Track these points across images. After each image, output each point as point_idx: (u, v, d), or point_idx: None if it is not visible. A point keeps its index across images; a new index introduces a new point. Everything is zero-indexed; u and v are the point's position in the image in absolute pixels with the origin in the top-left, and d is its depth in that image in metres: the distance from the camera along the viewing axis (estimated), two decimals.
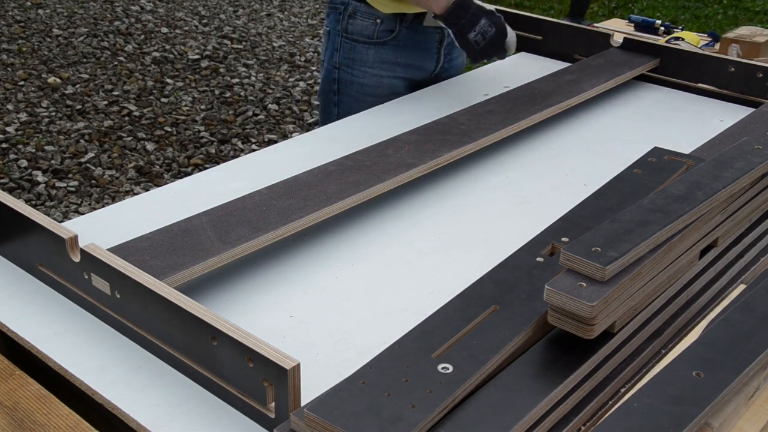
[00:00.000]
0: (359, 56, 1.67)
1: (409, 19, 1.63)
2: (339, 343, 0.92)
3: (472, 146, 1.34)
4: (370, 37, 1.65)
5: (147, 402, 0.82)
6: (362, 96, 1.69)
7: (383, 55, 1.66)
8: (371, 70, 1.67)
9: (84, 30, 4.74)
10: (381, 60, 1.67)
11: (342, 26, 1.66)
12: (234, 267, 1.05)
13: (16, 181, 3.16)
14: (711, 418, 0.74)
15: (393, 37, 1.64)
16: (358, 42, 1.66)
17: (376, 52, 1.66)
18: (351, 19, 1.65)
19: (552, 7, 5.93)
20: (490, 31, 1.47)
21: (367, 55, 1.66)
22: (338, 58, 1.69)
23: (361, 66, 1.68)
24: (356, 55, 1.67)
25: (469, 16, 1.45)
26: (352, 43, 1.67)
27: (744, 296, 0.90)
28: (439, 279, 1.05)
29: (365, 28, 1.64)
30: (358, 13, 1.64)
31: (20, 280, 1.00)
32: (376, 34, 1.64)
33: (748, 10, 5.91)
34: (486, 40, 1.46)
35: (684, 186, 0.94)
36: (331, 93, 1.73)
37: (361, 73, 1.68)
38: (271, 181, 1.18)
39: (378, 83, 1.68)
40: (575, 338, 0.79)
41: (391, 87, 1.69)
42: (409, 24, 1.63)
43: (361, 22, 1.64)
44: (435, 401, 0.71)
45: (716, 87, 1.68)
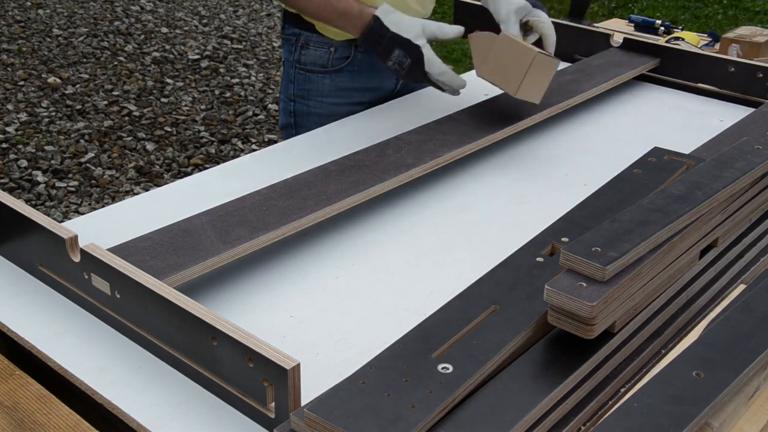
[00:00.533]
0: (314, 86, 1.61)
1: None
2: (339, 343, 0.92)
3: (472, 146, 1.34)
4: (324, 66, 1.59)
5: (147, 402, 0.82)
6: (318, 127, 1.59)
7: (339, 83, 1.60)
8: (327, 99, 1.61)
9: (84, 30, 4.74)
10: (337, 88, 1.61)
11: (294, 57, 1.60)
12: (234, 267, 1.05)
13: (16, 181, 3.16)
14: (711, 418, 0.74)
15: (348, 63, 1.59)
16: (313, 72, 1.60)
17: (332, 81, 1.60)
18: (303, 49, 1.59)
19: (552, 7, 5.93)
20: (406, 62, 1.37)
21: (323, 84, 1.60)
22: (293, 90, 1.63)
23: (317, 96, 1.62)
24: (311, 86, 1.61)
25: (383, 44, 1.37)
26: (306, 73, 1.61)
27: (744, 296, 0.90)
28: (439, 279, 1.05)
29: (319, 58, 1.58)
30: (310, 43, 1.58)
31: (20, 280, 1.00)
32: (330, 62, 1.58)
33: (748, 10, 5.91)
34: (404, 70, 1.37)
35: (684, 186, 0.94)
36: (289, 127, 1.67)
37: (317, 104, 1.62)
38: (271, 181, 1.18)
39: (335, 112, 1.60)
40: (575, 338, 0.79)
41: (348, 113, 1.60)
42: (364, 48, 1.57)
43: (314, 52, 1.58)
44: (435, 401, 0.71)
45: (716, 87, 1.68)
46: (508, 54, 1.34)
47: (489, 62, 1.36)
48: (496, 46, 1.35)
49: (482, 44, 1.38)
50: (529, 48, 1.32)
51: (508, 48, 1.35)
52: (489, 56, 1.36)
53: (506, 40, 1.35)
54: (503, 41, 1.35)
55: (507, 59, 1.34)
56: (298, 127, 1.63)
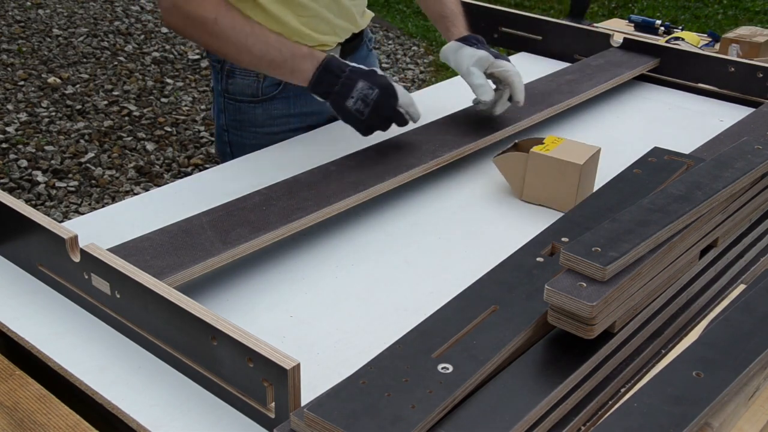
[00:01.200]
0: (247, 117, 1.45)
1: None
2: (339, 343, 0.92)
3: (472, 146, 1.34)
4: (254, 95, 1.42)
5: (147, 402, 0.82)
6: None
7: (273, 111, 1.44)
8: (262, 129, 1.45)
9: (84, 30, 4.74)
10: (271, 117, 1.44)
11: (222, 86, 1.44)
12: (234, 267, 1.05)
13: (16, 181, 3.16)
14: (711, 418, 0.74)
15: (280, 91, 1.42)
16: (243, 102, 1.44)
17: (264, 110, 1.44)
18: (230, 78, 1.43)
19: (552, 7, 5.93)
20: (372, 94, 1.19)
21: (255, 114, 1.44)
22: (225, 120, 1.47)
23: (250, 127, 1.46)
24: (243, 116, 1.45)
25: (342, 80, 1.20)
26: (237, 103, 1.44)
27: (744, 296, 0.90)
28: (439, 279, 1.05)
29: (247, 87, 1.42)
30: (236, 71, 1.41)
31: (20, 280, 1.00)
32: (260, 91, 1.42)
33: (748, 10, 5.91)
34: (369, 106, 1.20)
35: (684, 186, 0.94)
36: (227, 155, 1.50)
37: (251, 135, 1.46)
38: (271, 181, 1.18)
39: (272, 141, 1.44)
40: (575, 338, 0.79)
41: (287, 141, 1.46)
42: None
43: (242, 81, 1.42)
44: (435, 401, 0.71)
45: (716, 87, 1.68)
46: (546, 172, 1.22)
47: (530, 185, 1.24)
48: (530, 165, 1.23)
49: (511, 165, 1.26)
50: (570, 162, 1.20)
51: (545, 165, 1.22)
52: (527, 178, 1.24)
53: (539, 158, 1.22)
54: (537, 159, 1.22)
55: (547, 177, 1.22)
56: (234, 156, 1.46)
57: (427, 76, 4.58)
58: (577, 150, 1.23)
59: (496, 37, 1.94)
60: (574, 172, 1.20)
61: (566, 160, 1.20)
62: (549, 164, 1.21)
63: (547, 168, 1.22)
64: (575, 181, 1.20)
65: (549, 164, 1.21)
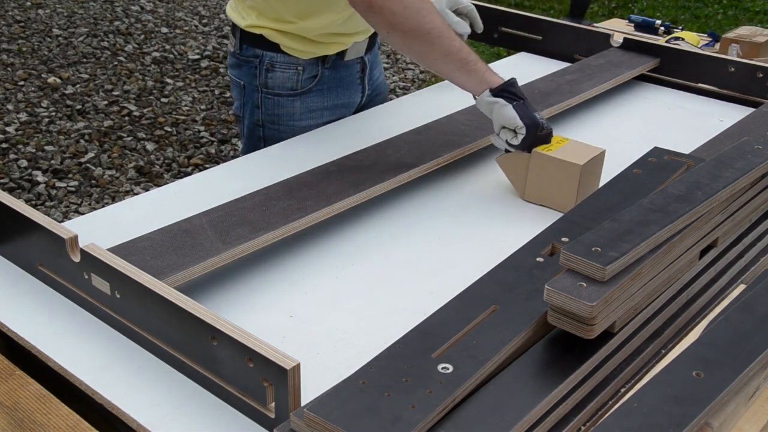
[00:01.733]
0: (285, 111, 1.51)
1: (331, 59, 1.50)
2: (339, 343, 0.92)
3: (472, 146, 1.34)
4: (293, 88, 1.49)
5: (147, 402, 0.82)
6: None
7: (309, 104, 1.52)
8: (299, 123, 1.52)
9: (84, 30, 4.74)
10: (308, 110, 1.52)
11: (261, 81, 1.49)
12: (234, 267, 1.05)
13: (16, 181, 3.16)
14: (711, 418, 0.74)
15: (317, 83, 1.50)
16: (282, 96, 1.50)
17: (302, 103, 1.51)
18: (269, 72, 1.48)
19: (552, 7, 5.93)
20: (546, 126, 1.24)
21: (294, 108, 1.51)
22: (260, 115, 1.52)
23: (288, 120, 1.52)
24: (281, 110, 1.51)
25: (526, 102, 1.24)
26: (275, 97, 1.50)
27: (744, 296, 0.90)
28: (439, 279, 1.05)
29: (287, 80, 1.48)
30: (276, 65, 1.47)
31: (20, 280, 1.00)
32: (299, 83, 1.49)
33: (748, 10, 5.91)
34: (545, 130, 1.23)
35: (684, 186, 0.94)
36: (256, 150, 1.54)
37: (288, 128, 1.52)
38: (271, 181, 1.18)
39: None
40: (575, 338, 0.79)
41: None
42: (330, 64, 1.50)
43: (282, 74, 1.48)
44: (435, 401, 0.71)
45: (716, 87, 1.68)
46: (548, 172, 1.22)
47: (532, 184, 1.25)
48: (532, 165, 1.24)
49: (514, 165, 1.26)
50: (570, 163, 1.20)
51: (547, 165, 1.22)
52: (528, 177, 1.25)
53: (542, 158, 1.23)
54: (539, 159, 1.23)
55: (549, 177, 1.23)
56: None
57: (427, 76, 4.58)
58: (581, 151, 1.23)
59: (496, 37, 1.94)
60: (575, 172, 1.20)
61: (567, 160, 1.20)
62: (551, 164, 1.21)
63: (549, 168, 1.22)
64: (575, 181, 1.20)
65: (551, 164, 1.21)
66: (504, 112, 1.21)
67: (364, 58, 1.56)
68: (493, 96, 1.22)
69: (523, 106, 1.22)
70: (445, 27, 1.24)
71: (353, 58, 1.54)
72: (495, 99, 1.22)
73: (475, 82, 1.24)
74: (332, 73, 1.52)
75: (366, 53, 1.56)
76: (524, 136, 1.21)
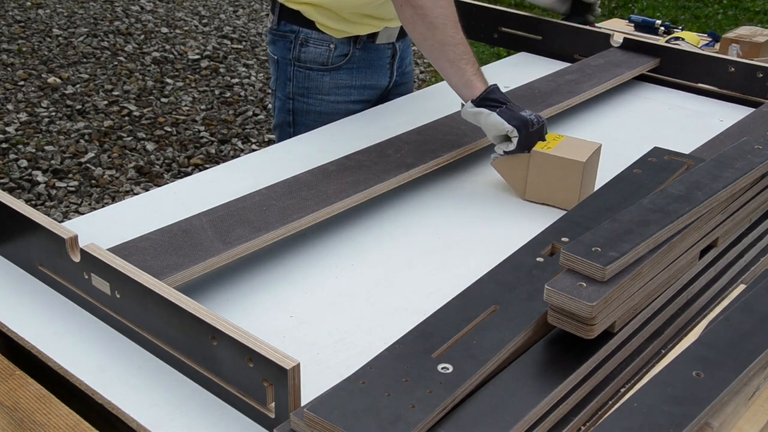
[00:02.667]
0: (314, 84, 1.60)
1: (363, 40, 1.58)
2: (339, 343, 0.92)
3: (472, 146, 1.34)
4: (324, 63, 1.58)
5: (147, 402, 0.82)
6: (318, 125, 1.59)
7: (338, 81, 1.60)
8: (327, 97, 1.61)
9: (84, 30, 4.74)
10: (336, 86, 1.61)
11: (294, 55, 1.58)
12: (234, 267, 1.05)
13: (16, 181, 3.16)
14: (711, 418, 0.74)
15: (347, 61, 1.59)
16: (312, 70, 1.59)
17: (332, 79, 1.60)
18: (303, 47, 1.57)
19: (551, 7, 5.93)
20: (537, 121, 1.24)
21: (323, 82, 1.60)
22: (292, 88, 1.61)
23: (316, 94, 1.61)
24: (311, 84, 1.60)
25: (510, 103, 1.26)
26: (306, 71, 1.59)
27: (744, 296, 0.90)
28: (439, 279, 1.05)
29: (319, 55, 1.57)
30: (310, 41, 1.57)
31: (20, 280, 1.00)
32: (330, 60, 1.58)
33: (748, 10, 5.91)
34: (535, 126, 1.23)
35: (684, 186, 0.94)
36: (286, 125, 1.65)
37: (317, 102, 1.61)
38: (271, 181, 1.18)
39: (335, 110, 1.61)
40: (575, 338, 0.79)
41: (347, 112, 1.61)
42: (362, 45, 1.58)
43: (315, 50, 1.57)
44: (435, 401, 0.71)
45: (716, 87, 1.68)
46: (549, 171, 1.22)
47: (532, 184, 1.24)
48: (532, 164, 1.23)
49: (511, 167, 1.26)
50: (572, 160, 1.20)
51: (548, 164, 1.22)
52: (529, 177, 1.24)
53: (542, 157, 1.22)
54: (539, 158, 1.23)
55: (550, 176, 1.23)
56: (296, 125, 1.63)
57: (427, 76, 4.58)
58: (579, 147, 1.24)
59: (496, 37, 1.94)
60: (577, 169, 1.20)
61: (569, 158, 1.20)
62: (552, 162, 1.21)
63: (550, 166, 1.22)
64: (578, 178, 1.20)
65: (552, 162, 1.21)
66: (491, 120, 1.23)
67: (395, 44, 1.63)
68: (476, 107, 1.24)
69: (508, 110, 1.23)
70: (453, 19, 1.27)
71: (384, 42, 1.61)
72: (479, 109, 1.24)
73: (461, 81, 1.26)
74: (363, 54, 1.60)
75: (398, 40, 1.63)
76: (518, 137, 1.22)
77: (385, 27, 1.58)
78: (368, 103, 1.66)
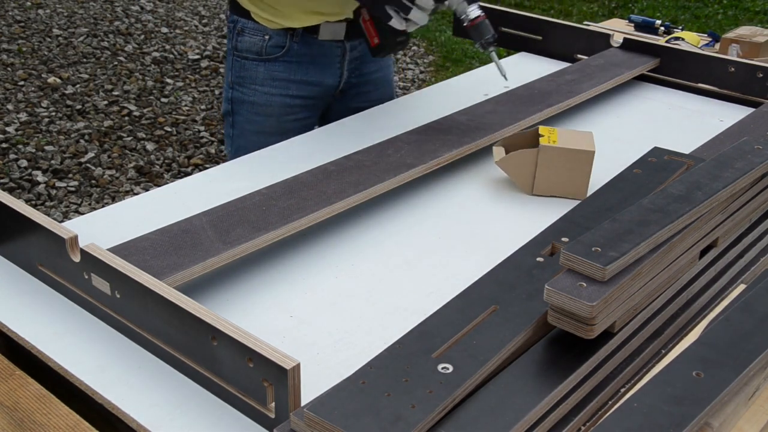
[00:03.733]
0: (249, 74, 1.59)
1: (299, 33, 1.54)
2: (339, 343, 0.92)
3: (472, 146, 1.34)
4: (258, 53, 1.56)
5: (147, 402, 0.82)
6: (252, 116, 1.61)
7: (274, 72, 1.57)
8: (261, 88, 1.58)
9: (84, 30, 4.74)
10: (271, 77, 1.58)
11: (233, 44, 1.59)
12: (234, 267, 1.05)
13: (16, 181, 3.16)
14: (711, 418, 0.74)
15: (283, 53, 1.56)
16: (248, 59, 1.58)
17: (266, 69, 1.57)
18: (240, 36, 1.57)
19: (552, 7, 5.94)
20: None
21: (257, 72, 1.58)
22: (231, 77, 1.61)
23: (251, 84, 1.59)
24: (246, 73, 1.59)
25: None
26: (242, 60, 1.59)
27: (744, 296, 0.90)
28: (439, 279, 1.05)
29: (253, 45, 1.56)
30: (246, 31, 1.56)
31: (20, 280, 1.00)
32: (264, 50, 1.56)
33: (748, 10, 5.91)
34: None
35: (684, 186, 0.95)
36: (227, 114, 1.65)
37: (251, 92, 1.59)
38: (271, 181, 1.18)
39: (269, 102, 1.59)
40: (575, 338, 0.79)
41: (283, 105, 1.60)
42: (300, 39, 1.55)
43: (250, 39, 1.56)
44: (435, 401, 0.71)
45: (716, 87, 1.68)
46: (559, 163, 1.24)
47: (541, 178, 1.25)
48: (541, 159, 1.24)
49: (518, 164, 1.26)
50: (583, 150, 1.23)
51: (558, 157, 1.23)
52: (537, 172, 1.25)
53: (551, 151, 1.23)
54: (548, 152, 1.23)
55: (560, 168, 1.24)
56: (234, 114, 1.63)
57: (427, 76, 4.58)
58: (578, 137, 1.26)
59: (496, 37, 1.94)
60: (588, 159, 1.23)
61: (580, 148, 1.23)
62: (561, 155, 1.23)
63: (560, 159, 1.23)
64: (589, 167, 1.23)
65: (561, 155, 1.23)
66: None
67: (345, 43, 1.58)
68: None
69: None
70: None
71: (329, 38, 1.56)
72: None
73: None
74: (303, 49, 1.56)
75: (351, 40, 1.58)
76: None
77: (325, 22, 1.53)
78: (311, 100, 1.62)
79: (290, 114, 1.61)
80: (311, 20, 1.53)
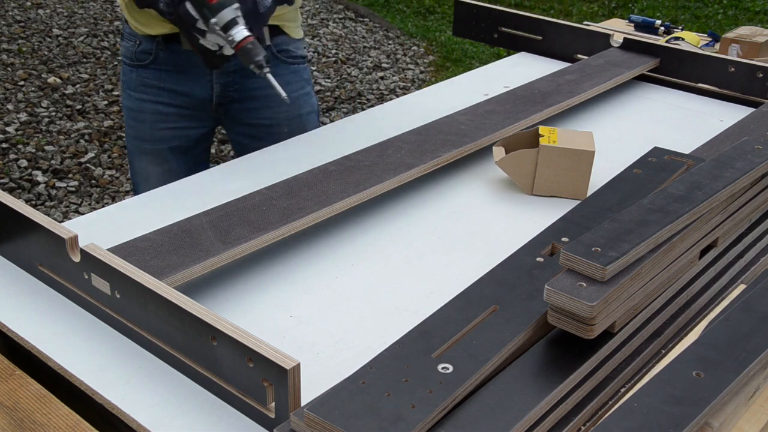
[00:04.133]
0: (126, 78, 1.60)
1: (160, 41, 1.51)
2: (339, 343, 0.92)
3: (472, 146, 1.34)
4: (131, 58, 1.57)
5: (147, 402, 0.82)
6: (129, 120, 1.61)
7: (144, 79, 1.56)
8: (134, 93, 1.58)
9: (84, 30, 4.74)
10: (143, 83, 1.57)
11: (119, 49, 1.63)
12: (234, 267, 1.05)
13: (16, 181, 3.16)
14: (711, 418, 0.74)
15: (152, 60, 1.55)
16: (126, 64, 1.59)
17: (138, 75, 1.57)
18: (121, 41, 1.60)
19: (552, 7, 5.94)
20: None
21: (131, 77, 1.58)
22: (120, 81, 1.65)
23: (126, 89, 1.60)
24: (124, 77, 1.60)
25: None
26: (122, 65, 1.61)
27: (744, 296, 0.90)
28: (439, 279, 1.05)
29: (127, 50, 1.57)
30: (125, 35, 1.58)
31: (20, 280, 1.00)
32: (135, 55, 1.56)
33: (748, 10, 5.91)
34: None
35: (684, 186, 0.95)
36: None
37: (126, 96, 1.61)
38: (271, 181, 1.18)
39: (140, 107, 1.58)
40: (575, 338, 0.79)
41: (155, 113, 1.57)
42: (165, 47, 1.52)
43: (125, 44, 1.57)
44: (435, 401, 0.71)
45: (716, 87, 1.68)
46: (559, 163, 1.24)
47: (541, 178, 1.26)
48: (541, 159, 1.24)
49: (518, 164, 1.26)
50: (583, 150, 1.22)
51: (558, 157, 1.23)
52: (538, 172, 1.25)
53: (551, 151, 1.23)
54: (548, 152, 1.24)
55: (560, 168, 1.24)
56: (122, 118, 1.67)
57: (427, 76, 4.58)
58: (578, 137, 1.26)
59: (496, 37, 1.94)
60: (589, 158, 1.23)
61: (580, 149, 1.23)
62: (562, 155, 1.23)
63: (560, 159, 1.23)
64: (589, 167, 1.23)
65: (562, 155, 1.23)
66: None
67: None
68: None
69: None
70: None
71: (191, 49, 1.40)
72: None
73: None
74: (170, 57, 1.53)
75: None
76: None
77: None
78: (187, 110, 1.58)
79: (163, 122, 1.58)
80: (167, 29, 1.49)
